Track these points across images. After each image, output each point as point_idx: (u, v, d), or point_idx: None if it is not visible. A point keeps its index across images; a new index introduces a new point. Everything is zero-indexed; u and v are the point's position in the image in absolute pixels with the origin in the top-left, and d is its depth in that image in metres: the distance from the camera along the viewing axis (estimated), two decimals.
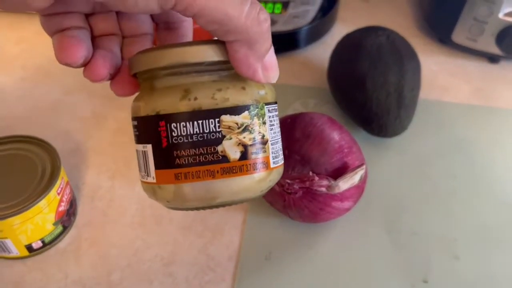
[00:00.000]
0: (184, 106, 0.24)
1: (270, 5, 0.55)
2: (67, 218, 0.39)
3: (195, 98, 0.24)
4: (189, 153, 0.24)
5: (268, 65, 0.24)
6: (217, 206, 0.26)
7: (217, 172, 0.24)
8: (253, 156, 0.25)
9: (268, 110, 0.26)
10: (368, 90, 0.44)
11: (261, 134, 0.25)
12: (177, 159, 0.24)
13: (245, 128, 0.25)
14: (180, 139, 0.24)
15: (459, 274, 0.38)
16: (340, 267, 0.38)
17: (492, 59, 0.56)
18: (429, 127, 0.49)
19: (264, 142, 0.25)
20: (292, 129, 0.37)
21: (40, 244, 0.37)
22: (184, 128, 0.24)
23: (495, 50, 0.54)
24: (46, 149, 0.38)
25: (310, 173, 0.35)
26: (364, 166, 0.36)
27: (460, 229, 0.41)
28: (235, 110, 0.24)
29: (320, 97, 0.52)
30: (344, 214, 0.38)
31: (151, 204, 0.42)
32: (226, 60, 0.24)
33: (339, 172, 0.35)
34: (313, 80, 0.54)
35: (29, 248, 0.37)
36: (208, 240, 0.39)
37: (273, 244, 0.39)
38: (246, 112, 0.24)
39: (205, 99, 0.24)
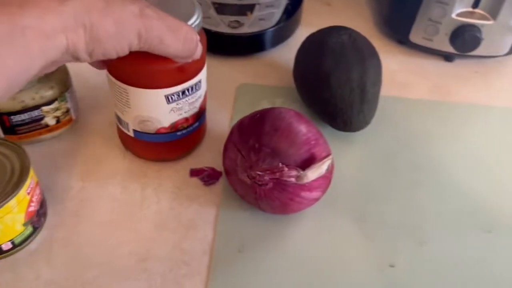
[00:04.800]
0: (16, 106, 0.41)
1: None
2: (37, 219, 0.38)
3: (23, 101, 0.41)
4: (24, 128, 0.43)
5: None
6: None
7: (43, 132, 0.44)
8: (62, 118, 0.45)
9: (68, 92, 0.44)
10: (332, 87, 0.46)
11: (66, 108, 0.44)
12: (17, 131, 0.43)
13: (57, 109, 0.43)
14: (17, 123, 0.42)
15: (424, 258, 0.40)
16: (311, 256, 0.39)
17: (448, 57, 0.59)
18: (391, 122, 0.51)
19: (68, 110, 0.45)
20: (262, 123, 0.38)
21: (10, 245, 0.37)
22: (19, 117, 0.42)
23: (449, 49, 0.57)
24: (15, 149, 0.37)
25: (280, 165, 0.36)
26: (330, 156, 0.37)
27: (424, 217, 0.43)
28: (50, 102, 0.43)
29: (287, 96, 0.53)
30: (313, 204, 0.40)
31: (124, 202, 0.42)
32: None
33: (307, 163, 0.37)
34: (279, 80, 0.55)
35: None
36: (182, 236, 0.40)
37: (246, 237, 0.40)
38: (56, 102, 0.43)
39: (29, 101, 0.41)
